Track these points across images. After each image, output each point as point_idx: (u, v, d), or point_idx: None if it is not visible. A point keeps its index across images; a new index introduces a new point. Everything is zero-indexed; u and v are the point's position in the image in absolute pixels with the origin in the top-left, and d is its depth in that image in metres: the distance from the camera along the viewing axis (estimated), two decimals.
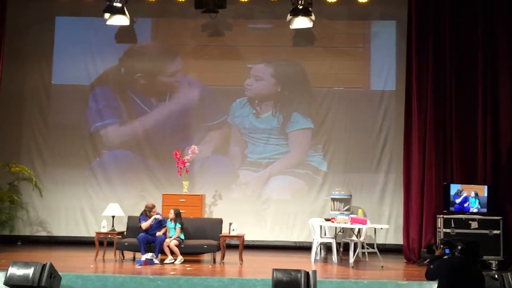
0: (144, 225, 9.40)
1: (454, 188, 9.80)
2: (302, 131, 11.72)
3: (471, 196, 9.75)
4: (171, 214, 9.49)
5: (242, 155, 11.76)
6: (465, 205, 9.74)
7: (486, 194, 9.70)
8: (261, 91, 11.83)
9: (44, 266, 6.69)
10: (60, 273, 7.05)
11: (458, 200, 9.76)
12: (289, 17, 10.38)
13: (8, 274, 6.66)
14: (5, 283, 6.65)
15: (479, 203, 9.74)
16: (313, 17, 10.29)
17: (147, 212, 9.54)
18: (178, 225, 9.41)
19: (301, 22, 10.34)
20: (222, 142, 11.81)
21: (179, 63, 11.97)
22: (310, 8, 10.19)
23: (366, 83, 11.84)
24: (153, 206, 9.62)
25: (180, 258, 9.19)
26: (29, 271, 6.66)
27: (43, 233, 11.70)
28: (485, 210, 9.71)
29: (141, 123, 11.86)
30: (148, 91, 11.92)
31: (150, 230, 9.42)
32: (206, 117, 11.84)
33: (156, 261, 9.11)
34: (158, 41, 12.18)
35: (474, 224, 9.52)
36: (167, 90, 11.91)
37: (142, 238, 9.23)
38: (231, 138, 11.81)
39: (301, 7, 10.13)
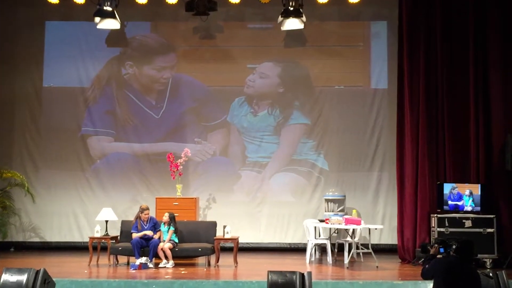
0: (135, 235, 9.34)
1: (447, 187, 9.81)
2: (296, 126, 11.68)
3: (466, 194, 9.76)
4: (165, 218, 9.46)
5: (242, 156, 11.72)
6: (460, 203, 9.76)
7: (480, 193, 9.73)
8: (261, 89, 11.78)
9: (37, 272, 6.62)
10: (54, 279, 6.95)
11: (452, 199, 9.77)
12: (280, 18, 10.36)
13: (1, 281, 6.60)
14: None
15: (473, 201, 9.76)
16: (304, 18, 10.27)
17: (140, 213, 9.50)
18: (172, 228, 9.37)
19: (292, 24, 10.32)
20: (224, 143, 11.75)
21: (174, 61, 11.87)
22: (301, 10, 10.17)
23: (361, 82, 11.78)
24: (147, 208, 9.55)
25: (171, 262, 9.15)
26: (23, 278, 6.59)
27: (36, 239, 11.62)
28: (479, 208, 9.73)
29: (139, 132, 11.82)
30: (146, 91, 11.85)
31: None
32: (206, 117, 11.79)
33: (150, 265, 9.08)
34: (156, 41, 12.03)
35: (468, 223, 9.54)
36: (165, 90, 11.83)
37: (136, 242, 9.18)
38: (231, 138, 11.75)
39: (291, 8, 10.12)
